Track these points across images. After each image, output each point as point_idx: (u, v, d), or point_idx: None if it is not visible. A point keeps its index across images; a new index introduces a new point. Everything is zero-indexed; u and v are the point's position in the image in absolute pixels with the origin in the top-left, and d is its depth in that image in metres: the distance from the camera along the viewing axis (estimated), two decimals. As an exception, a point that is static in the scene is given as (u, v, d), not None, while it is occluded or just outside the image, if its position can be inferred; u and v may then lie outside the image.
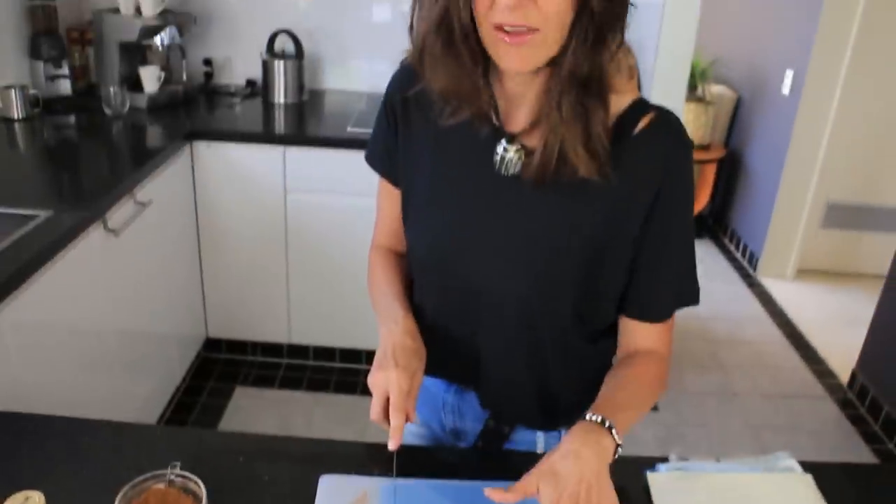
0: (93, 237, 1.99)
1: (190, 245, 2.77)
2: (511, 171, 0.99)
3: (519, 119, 1.00)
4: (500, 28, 0.87)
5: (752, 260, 4.22)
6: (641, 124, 0.96)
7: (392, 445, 0.96)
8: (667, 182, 0.97)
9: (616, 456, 0.93)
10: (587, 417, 0.95)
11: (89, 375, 2.08)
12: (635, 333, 1.08)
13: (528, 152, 0.98)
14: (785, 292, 3.97)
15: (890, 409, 2.86)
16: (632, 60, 1.02)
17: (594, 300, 1.05)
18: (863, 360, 3.09)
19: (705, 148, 4.47)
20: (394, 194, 1.15)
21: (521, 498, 0.89)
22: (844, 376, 3.21)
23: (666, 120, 0.97)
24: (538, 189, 0.97)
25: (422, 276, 1.15)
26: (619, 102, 0.96)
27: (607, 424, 0.93)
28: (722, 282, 4.11)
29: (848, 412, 3.02)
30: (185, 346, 2.85)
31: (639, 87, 1.04)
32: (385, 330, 1.08)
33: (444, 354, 1.14)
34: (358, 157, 1.28)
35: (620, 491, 1.00)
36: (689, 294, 1.07)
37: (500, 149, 0.99)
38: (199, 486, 0.92)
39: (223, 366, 3.03)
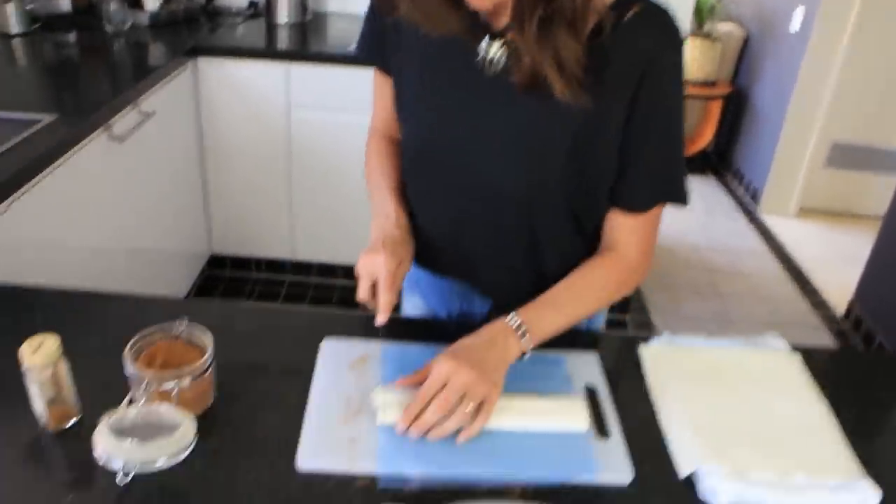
0: (97, 143, 2.00)
1: (194, 160, 2.78)
2: (496, 68, 1.00)
3: (503, 17, 0.99)
4: None
5: (755, 197, 4.23)
6: (629, 14, 0.95)
7: (380, 320, 1.00)
8: (651, 71, 0.96)
9: (525, 359, 0.99)
10: (508, 319, 0.99)
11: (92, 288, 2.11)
12: (614, 226, 1.09)
13: (512, 50, 0.97)
14: (786, 229, 3.98)
15: (883, 340, 2.90)
16: None
17: (586, 194, 1.06)
18: (859, 292, 3.12)
19: (711, 84, 4.44)
20: (387, 82, 1.16)
21: (418, 381, 0.94)
22: (840, 310, 3.24)
23: (654, 10, 0.96)
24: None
25: (416, 171, 1.16)
26: None
27: (521, 331, 0.97)
28: (723, 217, 4.12)
29: (842, 342, 3.06)
30: (189, 263, 2.88)
31: None
32: (376, 223, 1.12)
33: (440, 250, 1.17)
34: (362, 74, 1.29)
35: (613, 365, 1.04)
36: (674, 192, 1.06)
37: (483, 45, 1.00)
38: (205, 336, 0.95)
39: (227, 283, 3.07)
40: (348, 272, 3.04)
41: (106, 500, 0.81)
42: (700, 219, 4.05)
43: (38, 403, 0.89)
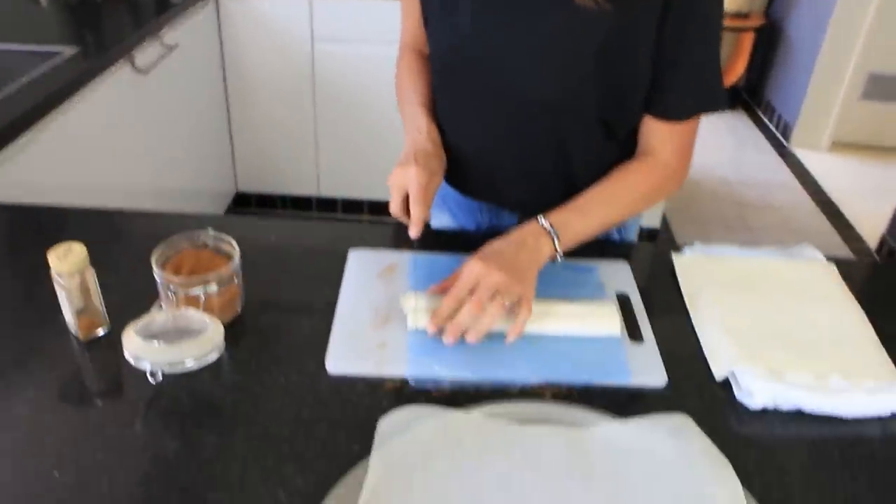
0: (121, 74, 1.99)
1: (217, 95, 2.76)
2: None
3: None
4: None
5: (786, 131, 4.14)
6: None
7: (413, 234, 0.98)
8: None
9: (558, 261, 0.97)
10: (539, 220, 0.96)
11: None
12: (649, 131, 1.06)
13: None
14: (818, 163, 3.90)
15: (918, 271, 2.84)
16: None
17: (618, 100, 1.03)
18: (892, 225, 3.05)
19: (744, 16, 4.31)
20: None
21: (450, 287, 0.91)
22: (873, 243, 3.18)
23: None
24: None
25: (445, 84, 1.14)
26: None
27: (553, 233, 0.95)
28: (754, 151, 4.04)
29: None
30: (214, 202, 2.89)
31: None
32: (409, 138, 1.10)
33: (470, 167, 1.14)
34: (385, 5, 1.25)
35: (647, 273, 1.02)
36: (712, 99, 1.03)
37: None
38: (232, 246, 0.94)
39: (253, 221, 3.07)
40: (374, 208, 3.08)
41: (136, 405, 0.81)
42: (730, 153, 3.98)
43: (68, 312, 0.89)
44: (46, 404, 0.81)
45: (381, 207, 3.03)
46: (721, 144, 4.11)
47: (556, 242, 0.95)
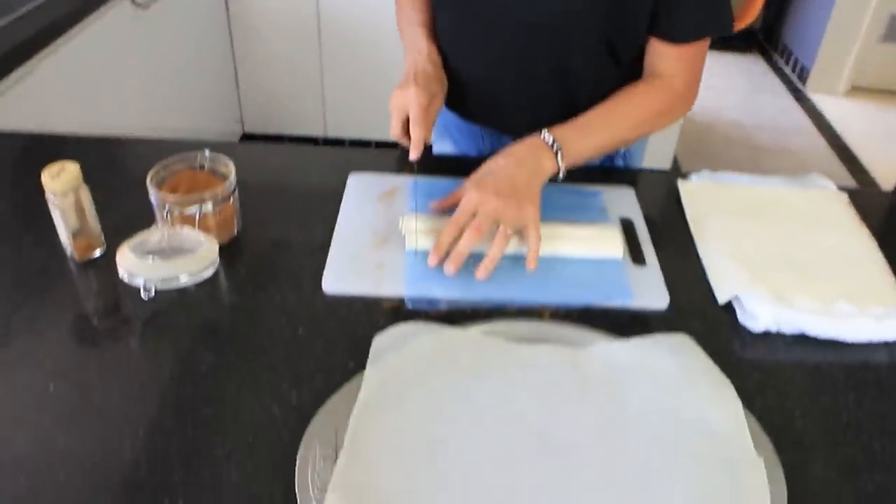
0: (120, 8, 1.95)
1: (221, 33, 2.72)
2: None
3: None
4: None
5: (803, 75, 4.05)
6: None
7: (413, 156, 0.96)
8: None
9: (560, 178, 0.93)
10: (542, 134, 0.93)
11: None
12: (656, 55, 1.03)
13: None
14: (835, 108, 3.83)
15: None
16: None
17: (622, 22, 1.00)
18: (910, 168, 3.01)
19: (761, -45, 4.19)
20: None
21: (453, 203, 0.90)
22: (888, 188, 3.14)
23: None
24: None
25: (446, 6, 1.10)
26: None
27: (555, 148, 0.92)
28: (769, 95, 3.97)
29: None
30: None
31: None
32: (409, 59, 1.07)
33: (471, 92, 1.12)
34: None
35: (653, 200, 1.00)
36: (717, 22, 1.00)
37: None
38: (228, 167, 0.92)
39: (259, 162, 3.05)
40: (381, 147, 3.02)
41: (131, 323, 0.81)
42: (744, 96, 3.91)
43: (63, 233, 0.88)
44: (42, 322, 0.80)
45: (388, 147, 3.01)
46: (735, 87, 4.03)
47: (559, 157, 0.92)
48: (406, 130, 0.98)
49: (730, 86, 4.04)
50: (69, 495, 0.63)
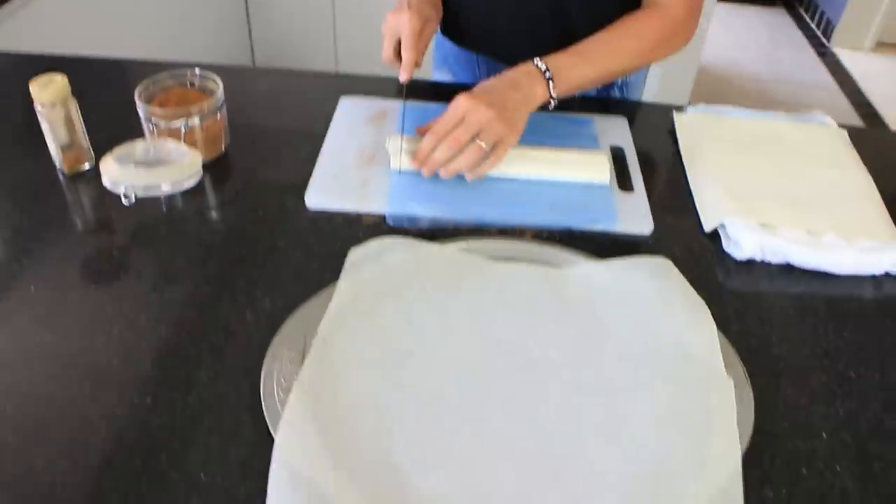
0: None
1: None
2: None
3: None
4: None
5: (828, 30, 3.95)
6: None
7: (403, 78, 0.95)
8: None
9: (551, 107, 0.92)
10: (535, 61, 0.91)
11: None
12: None
13: None
14: (859, 64, 3.73)
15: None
16: None
17: None
18: (931, 126, 2.94)
19: None
20: None
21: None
22: (909, 145, 3.07)
23: None
24: None
25: None
26: None
27: (548, 76, 0.90)
28: (790, 49, 3.87)
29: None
30: (232, 81, 2.84)
31: None
32: None
33: (467, 19, 1.10)
34: None
35: (647, 131, 0.98)
36: None
37: None
38: (216, 82, 0.92)
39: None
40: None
41: (116, 233, 0.81)
42: (764, 50, 3.82)
43: (53, 146, 0.89)
44: (29, 232, 0.81)
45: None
46: (756, 40, 3.94)
47: (551, 86, 0.91)
48: (398, 54, 0.97)
49: (751, 39, 3.95)
50: (40, 383, 0.64)
